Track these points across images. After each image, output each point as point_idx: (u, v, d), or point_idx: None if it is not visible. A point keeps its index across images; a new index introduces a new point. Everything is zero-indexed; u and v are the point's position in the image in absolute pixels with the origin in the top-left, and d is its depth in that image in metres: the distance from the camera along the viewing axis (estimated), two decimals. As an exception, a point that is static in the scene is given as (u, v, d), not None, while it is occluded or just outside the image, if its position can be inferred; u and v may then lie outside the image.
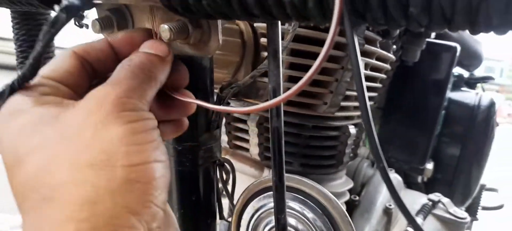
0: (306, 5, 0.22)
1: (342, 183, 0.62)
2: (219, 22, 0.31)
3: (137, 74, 0.26)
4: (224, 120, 0.57)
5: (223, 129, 0.59)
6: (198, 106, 0.34)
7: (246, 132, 0.56)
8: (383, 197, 0.72)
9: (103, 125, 0.23)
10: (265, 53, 0.51)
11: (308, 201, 0.43)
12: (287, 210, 0.44)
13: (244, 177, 0.60)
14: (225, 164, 0.47)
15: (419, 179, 1.06)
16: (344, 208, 0.64)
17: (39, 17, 0.61)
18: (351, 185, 0.64)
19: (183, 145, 0.40)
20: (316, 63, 0.22)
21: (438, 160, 1.12)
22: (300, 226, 0.43)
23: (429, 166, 1.00)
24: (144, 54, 0.28)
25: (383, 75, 0.62)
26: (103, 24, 0.34)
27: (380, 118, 0.90)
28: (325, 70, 0.50)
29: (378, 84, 0.62)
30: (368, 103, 0.22)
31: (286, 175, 0.45)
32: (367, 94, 0.22)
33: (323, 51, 0.22)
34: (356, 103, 0.58)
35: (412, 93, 0.86)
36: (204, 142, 0.41)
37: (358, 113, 0.60)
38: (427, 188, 1.17)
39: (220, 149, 0.43)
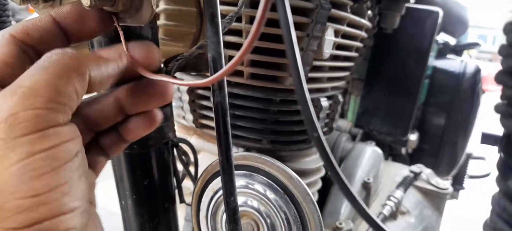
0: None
1: (316, 158, 0.59)
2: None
3: (47, 68, 0.21)
4: (187, 98, 0.54)
5: (188, 107, 0.55)
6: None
7: (211, 109, 0.53)
8: (361, 170, 0.69)
9: None
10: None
11: (269, 180, 0.40)
12: (248, 191, 0.41)
13: (214, 157, 0.56)
14: (181, 144, 0.43)
15: (404, 150, 1.04)
16: (319, 184, 0.62)
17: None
18: (326, 160, 0.61)
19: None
20: (252, 29, 0.18)
21: (423, 130, 1.09)
22: (262, 208, 0.40)
23: (413, 137, 0.98)
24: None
25: (358, 44, 0.58)
26: (25, -5, 0.30)
27: (362, 89, 0.87)
28: (289, 39, 0.46)
29: (353, 53, 0.59)
30: (302, 71, 0.19)
31: (245, 153, 0.42)
32: (299, 60, 0.19)
33: (258, 14, 0.18)
34: (329, 74, 0.55)
35: (393, 63, 0.83)
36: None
37: (331, 84, 0.57)
38: (412, 159, 1.15)
39: (173, 128, 0.40)
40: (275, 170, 0.39)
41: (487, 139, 0.71)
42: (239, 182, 0.42)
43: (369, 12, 0.61)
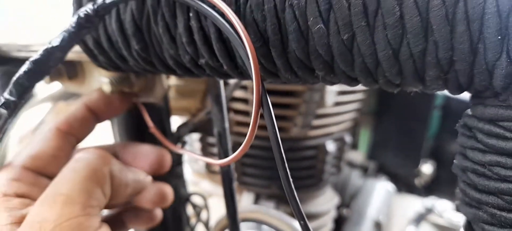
0: (222, 67, 0.22)
1: (326, 200, 0.61)
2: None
3: (79, 172, 0.25)
4: (199, 145, 0.57)
5: (200, 153, 0.58)
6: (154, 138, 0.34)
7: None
8: (373, 209, 0.70)
9: None
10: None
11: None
12: (258, 240, 0.43)
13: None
14: (193, 196, 0.46)
15: (417, 182, 1.04)
16: (329, 225, 0.63)
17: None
18: (335, 200, 0.63)
19: (146, 184, 0.40)
20: (251, 124, 0.21)
21: (439, 159, 1.09)
22: (270, 257, 0.42)
23: (426, 168, 0.99)
24: (95, 152, 0.27)
25: (362, 87, 0.61)
26: (53, 75, 0.34)
27: (372, 122, 0.89)
28: (292, 93, 0.49)
29: (357, 97, 0.61)
30: (281, 147, 0.22)
31: (252, 207, 0.44)
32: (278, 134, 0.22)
33: (254, 106, 0.21)
34: (334, 119, 0.57)
35: (401, 95, 0.84)
36: (168, 181, 0.41)
37: (337, 128, 0.59)
38: (430, 189, 1.14)
39: (184, 185, 0.43)
40: (281, 223, 0.41)
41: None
42: (249, 231, 0.44)
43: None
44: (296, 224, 0.41)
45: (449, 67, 0.17)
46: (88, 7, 0.21)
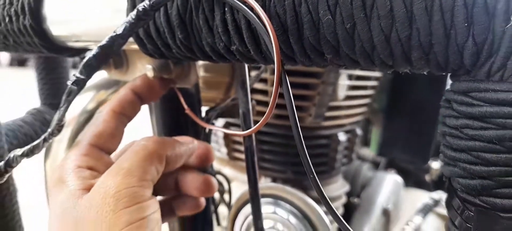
0: (250, 53, 0.27)
1: (337, 187, 0.66)
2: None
3: (137, 152, 0.30)
4: (222, 133, 0.63)
5: (222, 142, 0.64)
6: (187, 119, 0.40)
7: (242, 143, 0.61)
8: (382, 197, 0.75)
9: (106, 226, 0.26)
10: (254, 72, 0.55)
11: (292, 207, 0.47)
12: (275, 216, 0.48)
13: (245, 185, 0.64)
14: (217, 176, 0.52)
15: (427, 177, 1.07)
16: (341, 210, 0.68)
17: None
18: (346, 188, 0.68)
19: (177, 162, 0.46)
20: (271, 102, 0.27)
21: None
22: (285, 230, 0.47)
23: (436, 164, 1.02)
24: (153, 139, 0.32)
25: (373, 83, 0.65)
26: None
27: (383, 119, 0.93)
28: (307, 86, 0.54)
29: (368, 92, 0.66)
30: (298, 125, 0.27)
31: (271, 184, 0.49)
32: (297, 117, 0.27)
33: (274, 86, 0.26)
34: (346, 112, 0.62)
35: (411, 93, 0.88)
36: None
37: (349, 120, 0.64)
38: (439, 184, 1.18)
39: (211, 164, 0.48)
40: (295, 198, 0.46)
41: None
42: (267, 208, 0.49)
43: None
44: (308, 199, 0.46)
45: (429, 49, 0.22)
46: (145, 3, 0.26)
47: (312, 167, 0.26)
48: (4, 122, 0.68)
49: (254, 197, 0.38)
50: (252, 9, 0.24)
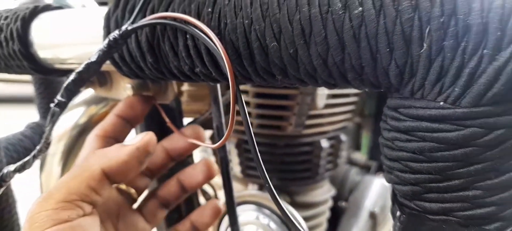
0: (212, 74, 0.30)
1: (323, 191, 0.68)
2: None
3: (70, 173, 0.31)
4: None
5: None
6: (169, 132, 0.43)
7: (229, 153, 0.64)
8: (369, 201, 0.77)
9: None
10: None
11: (271, 213, 0.50)
12: (257, 221, 0.51)
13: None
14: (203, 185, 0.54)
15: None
16: (327, 213, 0.70)
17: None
18: (332, 192, 0.70)
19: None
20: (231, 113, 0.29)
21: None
22: (266, 235, 0.50)
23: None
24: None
25: (355, 90, 0.68)
26: (87, 83, 0.43)
27: (372, 124, 0.95)
28: (286, 96, 0.56)
29: (351, 99, 0.68)
30: (252, 134, 0.29)
31: (253, 191, 0.52)
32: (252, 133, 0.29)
33: (231, 100, 0.29)
34: (328, 119, 0.64)
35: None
36: (179, 169, 0.49)
37: (332, 127, 0.67)
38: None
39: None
40: (270, 203, 0.49)
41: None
42: (250, 215, 0.52)
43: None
44: (287, 205, 0.49)
45: (361, 71, 0.24)
46: (115, 33, 0.29)
47: (265, 171, 0.29)
48: (5, 137, 0.71)
49: (229, 203, 0.41)
50: (208, 37, 0.27)
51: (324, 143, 0.64)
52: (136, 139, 0.34)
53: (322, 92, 0.58)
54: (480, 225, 0.24)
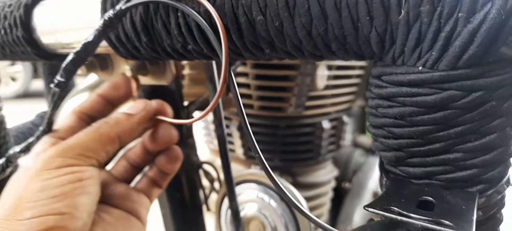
0: (203, 50, 0.31)
1: (325, 172, 0.69)
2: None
3: (88, 133, 0.33)
4: (213, 127, 0.66)
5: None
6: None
7: (231, 135, 0.65)
8: (372, 182, 0.77)
9: (28, 182, 0.29)
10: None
11: (271, 191, 0.51)
12: (257, 199, 0.52)
13: (236, 175, 0.68)
14: (204, 165, 0.56)
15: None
16: (329, 194, 0.71)
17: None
18: (335, 173, 0.71)
19: (164, 154, 0.50)
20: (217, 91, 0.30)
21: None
22: (267, 213, 0.51)
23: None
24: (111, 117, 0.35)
25: (357, 72, 0.68)
26: (88, 67, 0.45)
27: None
28: (286, 78, 0.57)
29: (353, 81, 0.68)
30: (243, 111, 0.30)
31: (252, 170, 0.53)
32: (243, 106, 0.30)
33: (221, 80, 0.30)
34: (329, 100, 0.65)
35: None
36: (181, 150, 0.50)
37: (334, 108, 0.67)
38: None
39: (196, 154, 0.52)
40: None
41: None
42: (251, 193, 0.53)
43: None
44: (286, 183, 0.50)
45: (344, 41, 0.25)
46: (110, 13, 0.30)
47: (259, 150, 0.29)
48: (15, 126, 0.74)
49: (228, 180, 0.42)
50: (199, 13, 0.28)
51: (326, 124, 0.64)
52: (137, 107, 0.36)
53: (322, 73, 0.59)
54: (462, 188, 0.25)
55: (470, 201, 0.23)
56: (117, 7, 0.31)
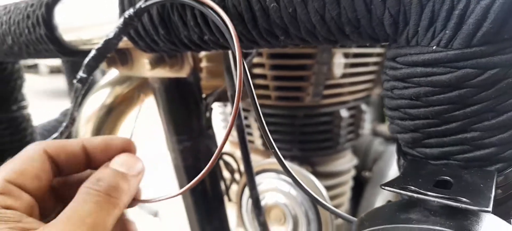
0: (219, 40, 0.32)
1: (345, 161, 0.69)
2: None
3: (102, 205, 0.26)
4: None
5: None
6: (189, 107, 0.45)
7: (250, 126, 0.65)
8: (393, 171, 0.77)
9: None
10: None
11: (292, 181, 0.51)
12: (277, 188, 0.53)
13: (255, 165, 0.69)
14: (224, 156, 0.57)
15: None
16: (349, 183, 0.71)
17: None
18: (354, 162, 0.71)
19: (184, 144, 0.51)
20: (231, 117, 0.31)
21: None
22: (287, 202, 0.51)
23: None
24: (112, 175, 0.28)
25: (374, 59, 0.68)
26: (108, 63, 0.46)
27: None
28: (303, 67, 0.57)
29: (370, 68, 0.68)
30: (257, 102, 0.31)
31: (272, 160, 0.54)
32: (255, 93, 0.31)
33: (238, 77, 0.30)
34: (346, 89, 0.65)
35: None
36: (200, 141, 0.52)
37: (352, 97, 0.67)
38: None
39: (216, 144, 0.53)
40: (294, 172, 0.50)
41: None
42: (270, 182, 0.54)
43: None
44: (305, 172, 0.50)
45: (358, 24, 0.25)
46: (130, 11, 0.31)
47: (272, 139, 0.30)
48: (41, 124, 0.76)
49: (248, 170, 0.42)
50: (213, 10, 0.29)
51: (344, 113, 0.64)
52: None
53: (339, 61, 0.58)
54: (481, 167, 0.24)
55: (488, 179, 0.23)
56: (137, 6, 0.31)
